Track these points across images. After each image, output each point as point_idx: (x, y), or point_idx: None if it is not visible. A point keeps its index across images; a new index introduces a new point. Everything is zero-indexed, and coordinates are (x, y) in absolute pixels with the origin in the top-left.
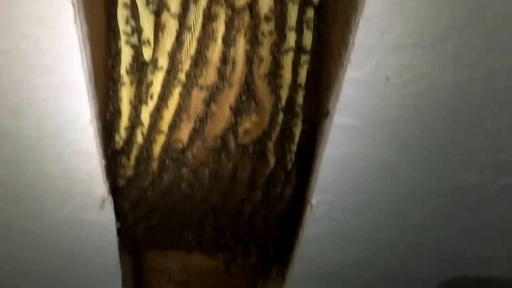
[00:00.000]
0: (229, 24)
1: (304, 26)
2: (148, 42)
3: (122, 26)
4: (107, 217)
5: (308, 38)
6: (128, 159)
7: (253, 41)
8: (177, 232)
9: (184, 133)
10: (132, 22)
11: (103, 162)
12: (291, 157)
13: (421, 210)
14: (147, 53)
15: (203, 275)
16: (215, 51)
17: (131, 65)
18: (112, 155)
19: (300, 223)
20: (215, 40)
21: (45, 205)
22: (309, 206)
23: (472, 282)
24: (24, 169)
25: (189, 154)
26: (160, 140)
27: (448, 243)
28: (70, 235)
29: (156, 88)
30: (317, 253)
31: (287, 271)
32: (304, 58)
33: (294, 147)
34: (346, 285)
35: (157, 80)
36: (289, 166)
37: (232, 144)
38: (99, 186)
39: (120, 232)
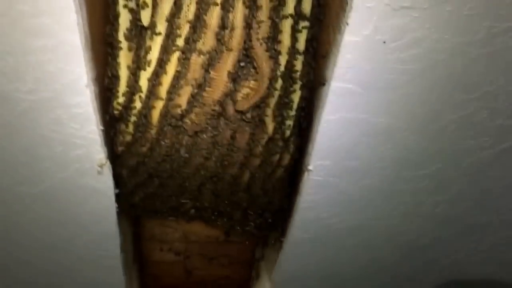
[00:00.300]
0: None
1: None
2: (146, 6)
3: None
4: (106, 183)
5: (307, 4)
6: (127, 125)
7: (252, 6)
8: (176, 199)
9: (182, 99)
10: None
11: (101, 127)
12: (289, 124)
13: (418, 175)
14: (145, 18)
15: (202, 244)
16: (213, 15)
17: (129, 30)
18: (110, 121)
19: (297, 190)
20: (213, 5)
21: (44, 170)
22: (306, 173)
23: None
24: (22, 133)
25: (187, 120)
26: (159, 106)
27: (444, 209)
28: (68, 200)
29: (154, 54)
30: (314, 219)
31: (285, 238)
32: (303, 24)
33: (292, 114)
34: (342, 251)
35: (155, 46)
36: (287, 133)
37: (230, 110)
38: (97, 151)
39: (119, 198)
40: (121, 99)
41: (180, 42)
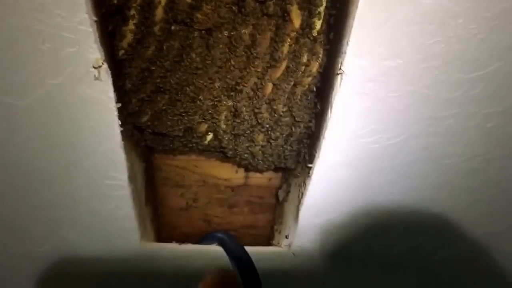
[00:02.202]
0: None
1: None
2: None
3: None
4: (105, 92)
5: None
6: (126, 22)
7: None
8: (189, 119)
9: None
10: None
11: (94, 17)
12: (319, 16)
13: (471, 78)
14: None
15: (221, 189)
16: None
17: None
18: (106, 16)
19: (327, 101)
20: None
21: (31, 74)
22: (339, 77)
23: None
24: (2, 25)
25: (198, 15)
26: None
27: (498, 124)
28: (64, 114)
29: None
30: (347, 138)
31: (313, 163)
32: None
33: (323, 3)
34: (378, 177)
35: None
36: (317, 27)
37: (249, 0)
38: (92, 49)
39: (123, 118)
40: None
41: None
